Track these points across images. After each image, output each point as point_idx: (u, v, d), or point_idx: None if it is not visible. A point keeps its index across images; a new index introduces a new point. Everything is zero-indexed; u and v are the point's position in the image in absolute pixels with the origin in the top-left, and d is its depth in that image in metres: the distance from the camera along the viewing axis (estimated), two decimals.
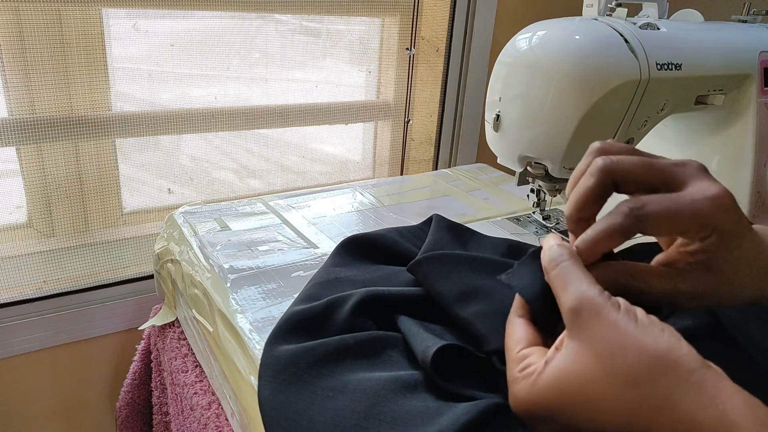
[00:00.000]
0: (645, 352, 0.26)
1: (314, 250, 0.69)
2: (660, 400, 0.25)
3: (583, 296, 0.28)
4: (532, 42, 0.60)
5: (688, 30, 0.66)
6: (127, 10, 0.85)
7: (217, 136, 1.02)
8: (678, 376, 0.25)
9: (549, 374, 0.28)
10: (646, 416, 0.25)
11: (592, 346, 0.27)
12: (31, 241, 0.92)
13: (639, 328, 0.27)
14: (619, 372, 0.26)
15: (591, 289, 0.29)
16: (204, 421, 0.61)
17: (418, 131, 1.23)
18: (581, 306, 0.28)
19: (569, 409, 0.27)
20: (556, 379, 0.28)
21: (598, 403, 0.27)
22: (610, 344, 0.27)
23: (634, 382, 0.26)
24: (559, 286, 0.30)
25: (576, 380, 0.27)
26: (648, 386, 0.25)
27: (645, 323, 0.27)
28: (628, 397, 0.26)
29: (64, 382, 0.98)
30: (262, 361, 0.39)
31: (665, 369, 0.26)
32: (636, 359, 0.26)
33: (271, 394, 0.37)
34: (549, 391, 0.28)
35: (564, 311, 0.29)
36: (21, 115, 0.83)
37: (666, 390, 0.25)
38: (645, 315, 0.28)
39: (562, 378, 0.28)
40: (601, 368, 0.27)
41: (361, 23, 1.08)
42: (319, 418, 0.34)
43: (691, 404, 0.25)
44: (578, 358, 0.27)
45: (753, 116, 0.67)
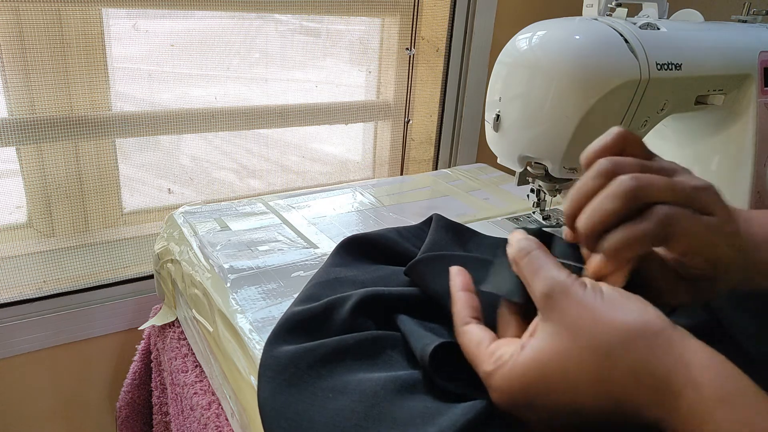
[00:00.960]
0: (613, 323, 0.27)
1: (314, 250, 0.69)
2: (634, 366, 0.26)
3: (553, 280, 0.30)
4: (532, 42, 0.60)
5: (688, 30, 0.66)
6: (127, 10, 0.85)
7: (217, 136, 1.02)
8: (647, 340, 0.27)
9: (526, 355, 0.29)
10: (623, 384, 0.27)
11: (565, 324, 0.28)
12: (31, 241, 0.92)
13: (606, 303, 0.28)
14: (592, 345, 0.27)
15: (559, 273, 0.30)
16: (204, 421, 0.61)
17: (418, 131, 1.23)
18: (552, 289, 0.30)
19: (549, 388, 0.28)
20: (533, 359, 0.29)
21: (576, 378, 0.27)
22: (581, 320, 0.28)
23: (607, 353, 0.27)
24: (529, 275, 0.31)
25: (553, 358, 0.28)
26: (620, 354, 0.27)
27: (611, 297, 0.29)
28: (603, 367, 0.27)
29: (64, 382, 0.98)
30: (261, 362, 0.39)
31: (634, 336, 0.27)
32: (606, 331, 0.27)
33: (270, 395, 0.37)
34: (527, 371, 0.29)
35: (536, 297, 0.30)
36: (21, 115, 0.83)
37: (637, 355, 0.26)
38: (611, 289, 0.29)
39: (539, 357, 0.29)
40: (575, 343, 0.28)
41: (361, 23, 1.08)
42: (318, 419, 0.34)
43: (661, 365, 0.26)
44: (553, 337, 0.28)
45: (753, 116, 0.67)
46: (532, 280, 0.31)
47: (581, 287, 0.29)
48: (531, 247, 0.32)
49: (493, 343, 0.32)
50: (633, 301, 0.29)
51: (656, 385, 0.26)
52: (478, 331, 0.34)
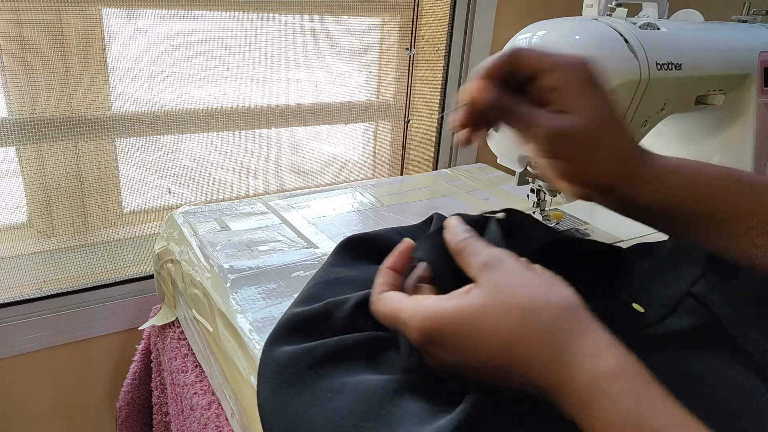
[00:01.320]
0: (533, 288, 0.31)
1: (314, 250, 0.69)
2: (542, 329, 0.29)
3: (491, 253, 0.33)
4: (532, 42, 0.60)
5: (688, 30, 0.66)
6: (127, 10, 0.85)
7: (217, 136, 1.02)
8: (559, 309, 0.30)
9: (451, 303, 0.32)
10: (528, 344, 0.29)
11: (493, 284, 0.31)
12: (31, 241, 0.92)
13: (533, 273, 0.32)
14: (511, 303, 0.30)
15: (496, 249, 0.34)
16: (204, 421, 0.61)
17: (418, 131, 1.23)
18: (489, 260, 0.33)
19: (462, 335, 0.31)
20: (456, 307, 0.31)
21: (489, 331, 0.30)
22: (508, 282, 0.31)
23: (522, 313, 0.30)
24: (470, 255, 0.34)
25: (475, 309, 0.31)
26: (533, 316, 0.29)
27: (538, 271, 0.32)
28: (515, 324, 0.29)
29: (64, 382, 0.98)
30: (260, 363, 0.39)
31: (548, 302, 0.30)
32: (527, 295, 0.30)
33: (270, 396, 0.37)
34: (447, 316, 0.31)
35: (474, 271, 0.33)
36: (21, 115, 0.83)
37: (548, 321, 0.29)
38: (541, 268, 0.33)
39: (462, 307, 0.31)
40: (497, 300, 0.30)
41: (361, 23, 1.08)
42: (318, 419, 0.34)
43: (566, 334, 0.29)
44: (479, 295, 0.31)
45: (753, 116, 0.67)
46: (471, 259, 0.34)
47: (514, 258, 0.33)
48: (469, 233, 0.36)
49: (416, 296, 0.35)
50: (557, 280, 0.32)
51: (557, 349, 0.29)
52: (395, 294, 0.36)
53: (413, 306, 0.33)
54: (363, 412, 0.34)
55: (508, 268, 0.32)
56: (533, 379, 0.29)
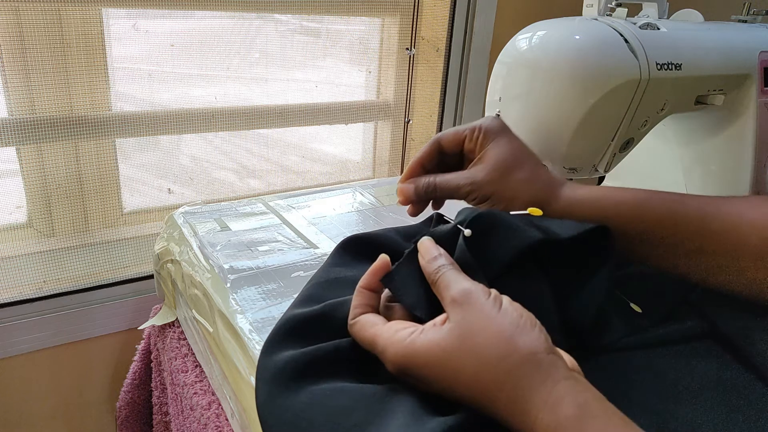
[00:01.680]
0: (497, 334, 0.31)
1: (314, 250, 0.69)
2: (503, 377, 0.29)
3: (461, 288, 0.34)
4: (532, 42, 0.60)
5: (688, 30, 0.66)
6: (127, 10, 0.85)
7: (217, 136, 1.02)
8: (520, 357, 0.30)
9: (422, 340, 0.32)
10: (490, 390, 0.30)
11: (461, 326, 0.32)
12: (31, 241, 0.92)
13: (500, 314, 0.32)
14: (474, 349, 0.31)
15: (469, 283, 0.34)
16: (204, 421, 0.61)
17: (418, 131, 1.23)
18: (459, 297, 0.33)
19: (432, 373, 0.32)
20: (426, 346, 0.32)
21: (457, 376, 0.31)
22: (474, 325, 0.31)
23: (485, 361, 0.30)
24: (443, 287, 0.35)
25: (443, 350, 0.31)
26: (494, 364, 0.30)
27: (507, 309, 0.32)
28: (478, 373, 0.30)
29: (64, 382, 0.98)
30: (259, 365, 0.39)
31: (511, 350, 0.30)
32: (488, 341, 0.31)
33: (269, 398, 0.37)
34: (418, 354, 0.32)
35: (446, 304, 0.34)
36: (21, 115, 0.83)
37: (509, 368, 0.30)
38: (509, 302, 0.33)
39: (431, 346, 0.32)
40: (462, 345, 0.31)
41: (361, 23, 1.08)
42: (318, 419, 0.34)
43: (527, 383, 0.29)
44: (449, 334, 0.32)
45: (753, 116, 0.68)
46: (444, 291, 0.35)
47: (484, 295, 0.33)
48: (443, 262, 0.36)
49: (390, 322, 0.35)
50: (525, 318, 0.32)
51: (518, 397, 0.29)
52: (371, 317, 0.37)
53: (388, 336, 0.34)
54: (364, 409, 0.34)
55: (476, 309, 0.32)
56: (502, 420, 0.30)
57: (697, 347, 0.41)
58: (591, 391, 0.29)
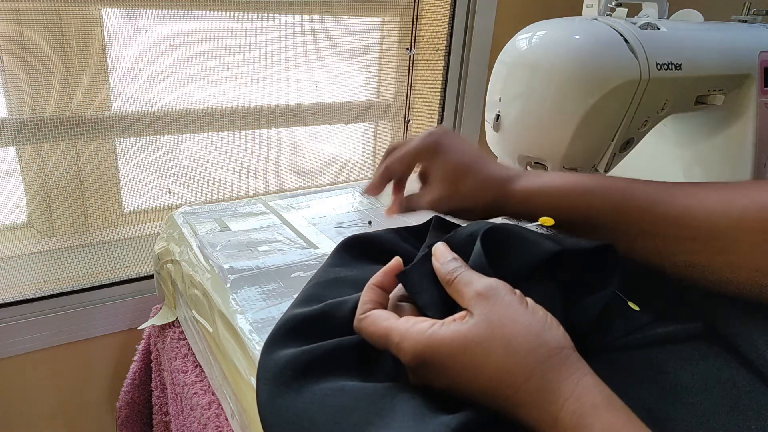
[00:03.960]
0: (526, 327, 0.31)
1: (314, 250, 0.69)
2: (531, 367, 0.30)
3: (487, 283, 0.34)
4: (532, 42, 0.60)
5: (688, 30, 0.66)
6: (127, 10, 0.85)
7: (217, 136, 1.02)
8: (549, 350, 0.31)
9: (445, 331, 0.32)
10: (517, 380, 0.30)
11: (488, 317, 0.32)
12: (31, 241, 0.92)
13: (528, 310, 0.32)
14: (503, 340, 0.31)
15: (492, 279, 0.34)
16: (204, 421, 0.61)
17: (418, 131, 1.23)
18: (485, 290, 0.33)
19: (455, 364, 0.31)
20: (450, 336, 0.32)
21: (483, 366, 0.31)
22: (502, 318, 0.32)
23: (514, 351, 0.31)
24: (462, 285, 0.35)
25: (469, 340, 0.31)
26: (524, 354, 0.30)
27: (534, 307, 0.33)
28: (505, 362, 0.30)
29: (64, 382, 0.98)
30: (259, 365, 0.39)
31: (540, 342, 0.31)
32: (518, 332, 0.31)
33: (270, 398, 0.37)
34: (442, 345, 0.32)
35: (467, 300, 0.34)
36: (21, 115, 0.83)
37: (537, 360, 0.30)
38: (533, 303, 0.33)
39: (456, 337, 0.32)
40: (490, 335, 0.31)
41: (361, 23, 1.08)
42: (319, 418, 0.34)
43: (555, 375, 0.30)
44: (473, 327, 0.32)
45: (753, 116, 0.68)
46: (464, 288, 0.34)
47: (510, 293, 0.33)
48: (459, 265, 0.36)
49: (405, 317, 0.35)
50: (549, 317, 0.33)
51: (545, 388, 0.30)
52: (383, 312, 0.36)
53: (405, 328, 0.34)
54: (365, 408, 0.34)
55: (504, 302, 0.33)
56: (519, 412, 0.30)
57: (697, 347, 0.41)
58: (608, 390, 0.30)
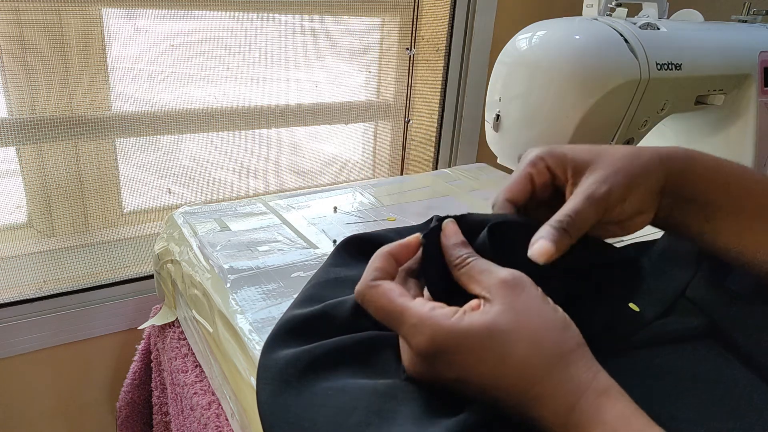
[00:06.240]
0: (552, 321, 0.32)
1: (314, 250, 0.69)
2: (555, 360, 0.30)
3: (514, 273, 0.33)
4: (532, 42, 0.60)
5: (688, 30, 0.66)
6: (127, 10, 0.85)
7: (217, 136, 1.02)
8: (571, 345, 0.31)
9: (468, 322, 0.31)
10: (538, 372, 0.30)
11: (514, 308, 0.32)
12: (31, 241, 0.92)
13: (552, 307, 0.33)
14: (529, 332, 0.31)
15: (515, 270, 0.33)
16: (204, 421, 0.61)
17: (418, 131, 1.23)
18: (514, 280, 0.33)
19: (475, 358, 0.31)
20: (475, 330, 0.31)
21: (505, 358, 0.30)
22: (528, 309, 0.32)
23: (539, 343, 0.31)
24: (477, 272, 0.34)
25: (492, 334, 0.31)
26: (548, 347, 0.31)
27: (556, 306, 0.33)
28: (529, 354, 0.30)
29: (64, 382, 0.98)
30: (259, 366, 0.39)
31: (565, 338, 0.31)
32: (543, 325, 0.31)
33: (270, 398, 0.37)
34: (464, 337, 0.31)
35: (489, 285, 0.33)
36: (21, 115, 0.83)
37: (561, 353, 0.31)
38: (551, 301, 0.33)
39: (480, 330, 0.31)
40: (517, 326, 0.31)
41: (361, 23, 1.08)
42: (320, 418, 0.34)
43: (575, 369, 0.30)
44: (498, 317, 0.31)
45: (753, 116, 0.68)
46: (483, 276, 0.33)
47: (534, 287, 0.33)
48: (471, 251, 0.35)
49: (420, 299, 0.34)
50: (570, 320, 0.33)
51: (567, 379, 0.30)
52: (396, 286, 0.35)
53: (424, 312, 0.32)
54: (365, 408, 0.34)
55: (530, 294, 0.32)
56: (533, 406, 0.30)
57: (698, 346, 0.41)
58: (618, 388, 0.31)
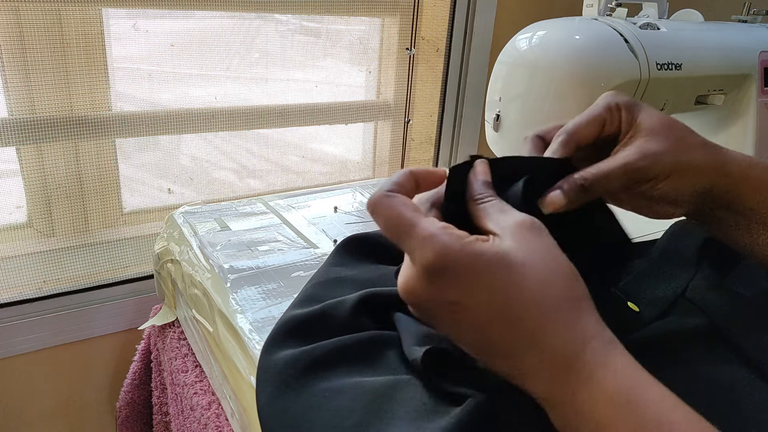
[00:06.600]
0: (566, 265, 0.31)
1: (314, 250, 0.69)
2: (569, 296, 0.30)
3: (533, 219, 0.32)
4: (532, 42, 0.60)
5: (688, 30, 0.66)
6: (127, 10, 0.85)
7: (217, 136, 1.02)
8: (582, 293, 0.31)
9: (483, 244, 0.30)
10: (546, 308, 0.29)
11: (530, 246, 0.31)
12: (31, 241, 0.92)
13: (564, 256, 0.31)
14: (541, 268, 0.30)
15: (534, 218, 0.32)
16: (204, 421, 0.61)
17: (418, 131, 1.23)
18: (531, 223, 0.32)
19: (486, 282, 0.29)
20: (490, 251, 0.30)
21: (513, 288, 0.29)
22: (543, 251, 0.31)
23: (550, 282, 0.30)
24: (496, 211, 0.33)
25: (505, 259, 0.30)
26: (559, 288, 0.30)
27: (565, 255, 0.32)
28: (539, 289, 0.29)
29: (64, 382, 0.98)
30: (259, 367, 0.39)
31: (575, 284, 0.31)
32: (557, 268, 0.30)
33: (269, 399, 0.37)
34: (480, 256, 0.30)
35: (505, 225, 0.32)
36: (21, 115, 0.83)
37: (572, 296, 0.30)
38: None
39: (497, 253, 0.30)
40: (530, 260, 0.30)
41: (361, 23, 1.08)
42: (318, 420, 0.34)
43: (586, 314, 0.30)
44: (515, 248, 0.30)
45: (753, 116, 0.68)
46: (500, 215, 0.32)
47: (550, 236, 0.32)
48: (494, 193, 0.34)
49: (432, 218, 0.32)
50: None
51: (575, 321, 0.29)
52: (410, 202, 0.33)
53: (436, 228, 0.30)
54: (362, 409, 0.34)
55: (545, 239, 0.31)
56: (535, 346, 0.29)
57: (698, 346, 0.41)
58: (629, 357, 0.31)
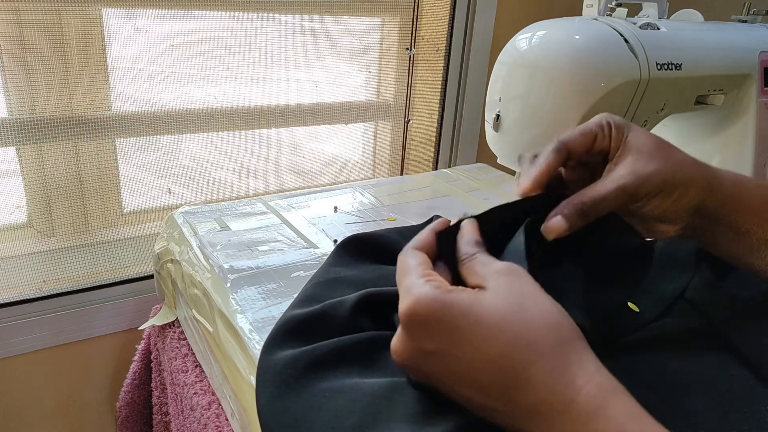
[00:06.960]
0: (549, 307, 0.31)
1: (314, 250, 0.69)
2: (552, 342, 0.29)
3: (510, 264, 0.33)
4: (532, 42, 0.60)
5: (688, 30, 0.66)
6: (127, 10, 0.85)
7: (217, 136, 1.02)
8: (569, 333, 0.30)
9: (462, 295, 0.31)
10: (531, 355, 0.29)
11: (510, 290, 0.31)
12: (31, 241, 0.92)
13: (547, 296, 0.32)
14: (522, 313, 0.30)
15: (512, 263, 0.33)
16: (204, 421, 0.61)
17: (418, 131, 1.23)
18: (508, 269, 0.32)
19: (465, 330, 0.30)
20: (467, 300, 0.31)
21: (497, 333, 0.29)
22: (523, 294, 0.31)
23: (534, 325, 0.30)
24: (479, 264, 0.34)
25: (484, 308, 0.30)
26: (544, 330, 0.30)
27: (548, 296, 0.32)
28: (522, 334, 0.29)
29: (64, 382, 0.98)
30: (259, 367, 0.39)
31: (560, 325, 0.30)
32: (539, 310, 0.30)
33: (269, 400, 0.37)
34: (453, 304, 0.30)
35: (485, 274, 0.33)
36: (21, 115, 0.83)
37: (558, 339, 0.30)
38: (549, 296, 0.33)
39: (472, 303, 0.30)
40: (509, 305, 0.30)
41: (361, 23, 1.08)
42: (317, 421, 0.34)
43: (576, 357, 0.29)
44: (492, 295, 0.31)
45: (753, 116, 0.68)
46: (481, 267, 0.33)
47: (532, 278, 0.32)
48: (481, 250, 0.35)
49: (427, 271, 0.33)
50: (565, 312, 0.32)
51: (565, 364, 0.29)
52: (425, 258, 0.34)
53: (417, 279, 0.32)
54: (361, 410, 0.34)
55: (526, 281, 0.32)
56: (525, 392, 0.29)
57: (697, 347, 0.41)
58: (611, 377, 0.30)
